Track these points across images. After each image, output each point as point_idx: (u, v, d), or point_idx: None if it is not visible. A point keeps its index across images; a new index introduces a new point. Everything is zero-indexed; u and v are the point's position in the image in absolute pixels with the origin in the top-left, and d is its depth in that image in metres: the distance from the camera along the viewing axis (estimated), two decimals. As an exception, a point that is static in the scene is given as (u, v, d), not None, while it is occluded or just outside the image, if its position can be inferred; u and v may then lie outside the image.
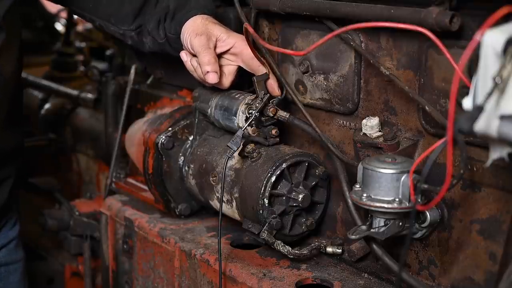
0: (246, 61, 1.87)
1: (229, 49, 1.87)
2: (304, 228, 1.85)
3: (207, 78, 1.82)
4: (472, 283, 1.58)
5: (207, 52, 1.81)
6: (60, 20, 4.55)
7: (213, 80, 1.81)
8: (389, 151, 1.67)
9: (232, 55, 1.89)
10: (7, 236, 2.08)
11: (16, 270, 2.09)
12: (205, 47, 1.82)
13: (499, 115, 1.11)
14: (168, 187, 2.09)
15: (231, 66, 1.90)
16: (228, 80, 1.89)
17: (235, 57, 1.89)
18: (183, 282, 1.98)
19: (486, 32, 1.11)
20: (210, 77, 1.81)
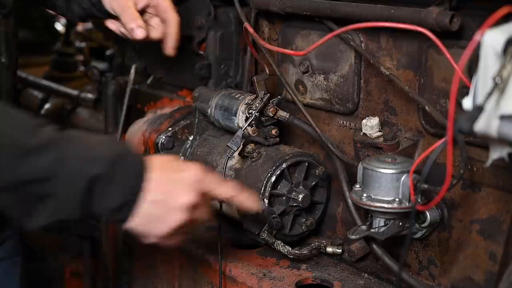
0: (161, 13, 1.88)
1: (148, 3, 1.88)
2: (304, 228, 1.85)
3: (134, 35, 1.82)
4: (472, 283, 1.58)
5: (128, 10, 1.82)
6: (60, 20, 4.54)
7: (141, 35, 1.81)
8: (389, 151, 1.67)
9: (152, 7, 1.90)
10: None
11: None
12: (125, 7, 1.83)
13: (499, 115, 1.11)
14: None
15: (156, 18, 1.90)
16: (158, 31, 1.88)
17: (155, 10, 1.90)
18: (183, 282, 1.98)
19: (486, 32, 1.11)
20: (137, 33, 1.81)
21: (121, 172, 1.39)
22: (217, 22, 2.16)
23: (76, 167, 1.36)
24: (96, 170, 1.36)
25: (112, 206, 1.40)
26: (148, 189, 1.41)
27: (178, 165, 1.50)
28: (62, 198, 1.36)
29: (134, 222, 1.43)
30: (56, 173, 1.35)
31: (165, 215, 1.44)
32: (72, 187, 1.36)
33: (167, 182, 1.44)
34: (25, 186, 1.35)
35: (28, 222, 1.39)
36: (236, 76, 2.21)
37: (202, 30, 2.16)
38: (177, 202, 1.44)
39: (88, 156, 1.37)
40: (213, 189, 1.50)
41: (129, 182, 1.40)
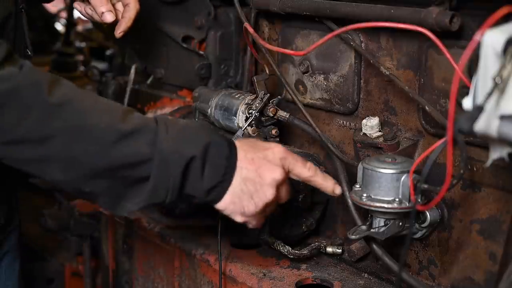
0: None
1: None
2: (304, 228, 1.85)
3: (104, 19, 1.84)
4: (472, 283, 1.58)
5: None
6: (60, 20, 4.55)
7: (111, 19, 1.84)
8: (389, 151, 1.67)
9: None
10: None
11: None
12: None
13: (499, 115, 1.11)
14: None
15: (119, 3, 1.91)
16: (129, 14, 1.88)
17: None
18: (183, 282, 1.98)
19: (486, 32, 1.11)
20: (107, 17, 1.83)
21: (214, 152, 1.43)
22: (217, 22, 2.16)
23: (173, 149, 1.39)
24: (192, 152, 1.40)
25: (207, 187, 1.44)
26: (239, 167, 1.46)
27: (261, 144, 1.54)
28: (158, 181, 1.40)
29: (226, 201, 1.48)
30: (152, 155, 1.38)
31: (257, 192, 1.48)
32: (169, 169, 1.40)
33: (256, 159, 1.48)
34: (121, 170, 1.38)
35: (120, 207, 1.44)
36: (236, 76, 2.21)
37: (202, 30, 2.16)
38: (268, 177, 1.48)
39: (183, 138, 1.42)
40: (295, 167, 1.53)
41: (222, 162, 1.44)
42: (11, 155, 1.37)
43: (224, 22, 2.17)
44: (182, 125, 1.46)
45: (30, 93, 1.34)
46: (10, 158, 1.38)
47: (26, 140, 1.34)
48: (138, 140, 1.38)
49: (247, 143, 1.52)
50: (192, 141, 1.42)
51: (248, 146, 1.51)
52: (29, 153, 1.36)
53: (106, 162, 1.37)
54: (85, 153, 1.36)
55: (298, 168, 1.54)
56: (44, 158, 1.37)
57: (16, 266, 2.00)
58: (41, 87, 1.35)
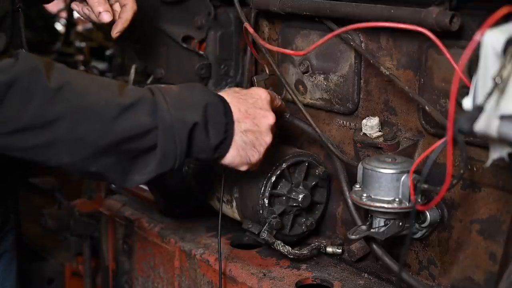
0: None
1: None
2: (304, 228, 1.85)
3: (101, 19, 1.85)
4: (472, 283, 1.58)
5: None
6: (60, 20, 4.55)
7: (108, 19, 1.84)
8: (389, 151, 1.67)
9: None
10: None
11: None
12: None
13: (499, 115, 1.11)
14: (168, 187, 2.09)
15: (117, 4, 1.92)
16: (126, 14, 1.89)
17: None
18: (183, 282, 1.98)
19: (486, 32, 1.11)
20: (104, 16, 1.84)
21: (213, 113, 1.49)
22: (217, 22, 2.16)
23: (175, 117, 1.44)
24: (194, 118, 1.46)
25: (212, 146, 1.50)
26: (237, 120, 1.54)
27: (246, 92, 1.61)
28: (166, 148, 1.44)
29: (232, 154, 1.55)
30: (156, 124, 1.42)
31: (257, 140, 1.57)
32: (175, 136, 1.44)
33: (249, 110, 1.56)
34: (126, 144, 1.41)
35: (127, 180, 1.47)
36: (236, 76, 2.21)
37: (202, 30, 2.16)
38: (264, 124, 1.58)
39: (182, 105, 1.46)
40: (275, 101, 1.67)
41: (221, 119, 1.51)
42: (17, 144, 1.38)
43: (224, 22, 2.17)
44: (177, 92, 1.49)
45: (30, 80, 1.35)
46: (16, 147, 1.39)
47: (31, 127, 1.35)
48: (139, 111, 1.41)
49: (235, 96, 1.57)
50: (191, 107, 1.46)
51: (237, 98, 1.57)
52: (34, 139, 1.37)
53: (110, 138, 1.39)
54: (89, 132, 1.38)
55: (276, 102, 1.68)
56: (50, 143, 1.38)
57: (13, 266, 2.00)
58: (40, 72, 1.36)
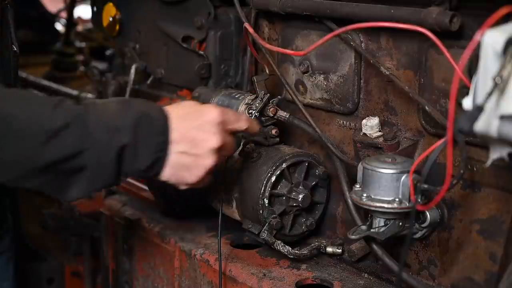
0: None
1: None
2: (304, 228, 1.85)
3: None
4: (472, 283, 1.58)
5: None
6: (60, 20, 4.55)
7: None
8: (389, 151, 1.67)
9: None
10: None
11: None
12: None
13: (499, 115, 1.11)
14: (168, 187, 2.08)
15: None
16: None
17: None
18: (183, 282, 1.98)
19: (486, 32, 1.11)
20: None
21: (146, 133, 1.46)
22: (217, 22, 2.16)
23: (103, 139, 1.43)
24: (122, 140, 1.44)
25: (143, 167, 1.48)
26: (174, 141, 1.49)
27: (197, 110, 1.55)
28: (95, 170, 1.44)
29: (165, 174, 1.52)
30: (84, 147, 1.42)
31: (195, 163, 1.52)
32: (103, 158, 1.44)
33: (191, 130, 1.51)
34: (57, 165, 1.41)
35: (66, 195, 1.47)
36: (236, 76, 2.21)
37: (202, 30, 2.16)
38: (204, 148, 1.52)
39: (112, 126, 1.44)
40: (233, 126, 1.59)
41: (155, 140, 1.48)
42: None
43: (224, 22, 2.17)
44: (112, 110, 1.47)
45: None
46: None
47: None
48: (70, 134, 1.40)
49: (182, 114, 1.53)
50: (123, 128, 1.44)
51: (182, 117, 1.52)
52: None
53: (40, 161, 1.40)
54: (19, 156, 1.39)
55: (234, 125, 1.59)
56: None
57: (10, 267, 1.99)
58: None
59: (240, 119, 1.62)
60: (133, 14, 2.45)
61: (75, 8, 4.18)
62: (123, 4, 2.48)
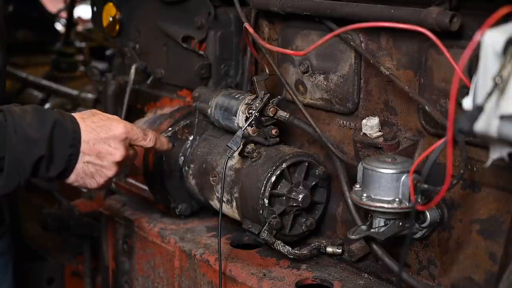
0: None
1: None
2: (304, 228, 1.85)
3: None
4: (472, 283, 1.58)
5: None
6: (60, 20, 4.55)
7: None
8: (389, 151, 1.67)
9: None
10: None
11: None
12: None
13: (499, 115, 1.11)
14: (168, 187, 2.09)
15: None
16: None
17: None
18: (183, 282, 1.98)
19: (486, 32, 1.11)
20: None
21: (58, 146, 1.62)
22: (217, 22, 2.16)
23: (21, 149, 1.57)
24: (39, 152, 1.58)
25: (53, 175, 1.65)
26: (82, 152, 1.66)
27: (105, 125, 1.71)
28: (10, 176, 1.58)
29: (71, 179, 1.70)
30: (3, 154, 1.56)
31: (99, 172, 1.70)
32: (19, 167, 1.58)
33: (98, 143, 1.68)
34: None
35: None
36: (236, 76, 2.21)
37: (202, 30, 2.16)
38: (108, 160, 1.70)
39: (30, 138, 1.57)
40: (136, 142, 1.76)
41: (68, 151, 1.64)
42: None
43: (224, 22, 2.17)
44: (29, 121, 1.58)
45: None
46: None
47: None
48: None
49: (92, 126, 1.68)
50: (39, 139, 1.58)
51: (91, 129, 1.68)
52: None
53: None
54: None
55: (139, 142, 1.77)
56: None
57: (9, 268, 2.00)
58: None
59: (146, 138, 1.77)
60: (133, 14, 2.45)
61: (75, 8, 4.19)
62: (123, 4, 2.48)
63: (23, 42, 4.03)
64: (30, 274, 2.79)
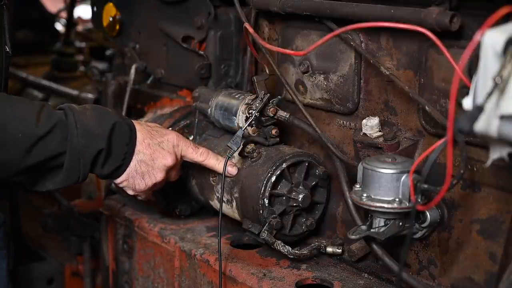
0: None
1: None
2: (304, 228, 1.85)
3: None
4: (472, 283, 1.58)
5: None
6: (60, 20, 4.55)
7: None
8: (389, 151, 1.67)
9: None
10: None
11: None
12: None
13: (499, 115, 1.11)
14: (168, 187, 2.09)
15: None
16: None
17: None
18: (183, 282, 1.98)
19: (486, 32, 1.11)
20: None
21: (116, 142, 1.67)
22: (217, 22, 2.16)
23: (82, 144, 1.61)
24: (99, 146, 1.63)
25: (109, 171, 1.69)
26: (137, 151, 1.71)
27: (160, 130, 1.78)
28: (71, 169, 1.62)
29: (122, 178, 1.73)
30: (64, 149, 1.60)
31: (148, 173, 1.74)
32: (80, 161, 1.62)
33: (152, 145, 1.73)
34: (39, 165, 1.59)
35: (39, 187, 1.66)
36: (236, 76, 2.21)
37: (202, 30, 2.16)
38: (160, 163, 1.74)
39: (90, 133, 1.62)
40: (186, 153, 1.80)
41: (123, 149, 1.69)
42: None
43: (224, 22, 2.17)
44: (89, 117, 1.64)
45: None
46: None
47: None
48: (52, 139, 1.58)
49: (147, 129, 1.75)
50: (100, 136, 1.63)
51: (147, 131, 1.74)
52: None
53: (22, 165, 1.56)
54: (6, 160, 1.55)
55: (189, 154, 1.81)
56: None
57: (3, 265, 1.99)
58: None
59: (197, 150, 1.82)
60: (133, 14, 2.45)
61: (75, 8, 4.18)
62: (123, 4, 2.48)
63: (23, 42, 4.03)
64: (30, 274, 2.79)
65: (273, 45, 1.98)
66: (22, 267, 2.74)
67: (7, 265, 2.02)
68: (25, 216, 2.95)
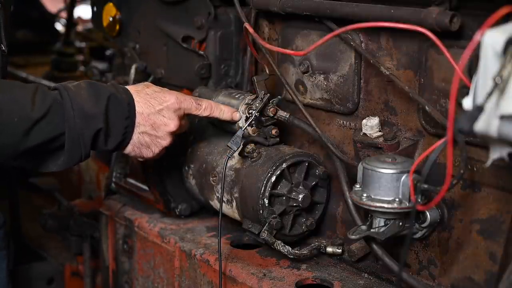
0: None
1: None
2: (304, 228, 1.85)
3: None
4: (472, 283, 1.58)
5: None
6: (60, 20, 4.55)
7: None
8: (389, 151, 1.67)
9: None
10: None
11: None
12: None
13: (499, 115, 1.11)
14: (168, 187, 2.09)
15: None
16: None
17: None
18: (183, 282, 1.98)
19: (486, 32, 1.11)
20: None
21: (115, 118, 1.67)
22: (217, 22, 2.16)
23: (80, 126, 1.62)
24: (97, 126, 1.64)
25: (111, 147, 1.71)
26: (137, 123, 1.72)
27: (158, 97, 1.76)
28: (72, 149, 1.63)
29: (128, 149, 1.76)
30: (62, 130, 1.60)
31: (154, 142, 1.76)
32: (80, 141, 1.63)
33: (152, 115, 1.73)
34: (38, 147, 1.59)
35: (42, 169, 1.68)
36: (236, 76, 2.21)
37: (202, 30, 2.16)
38: (163, 131, 1.75)
39: (87, 114, 1.62)
40: (190, 112, 1.80)
41: (122, 124, 1.69)
42: None
43: (224, 22, 2.17)
44: (84, 96, 1.63)
45: None
46: None
47: None
48: (49, 122, 1.58)
49: (146, 98, 1.74)
50: (97, 113, 1.63)
51: (146, 101, 1.73)
52: None
53: (21, 148, 1.57)
54: (4, 145, 1.56)
55: (194, 111, 1.81)
56: None
57: (3, 265, 1.99)
58: None
59: (200, 107, 1.81)
60: (133, 14, 2.45)
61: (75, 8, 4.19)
62: (123, 4, 2.48)
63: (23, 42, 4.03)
64: (30, 274, 2.79)
65: (273, 45, 1.98)
66: (22, 267, 2.73)
67: (7, 266, 2.02)
68: (25, 216, 2.95)
